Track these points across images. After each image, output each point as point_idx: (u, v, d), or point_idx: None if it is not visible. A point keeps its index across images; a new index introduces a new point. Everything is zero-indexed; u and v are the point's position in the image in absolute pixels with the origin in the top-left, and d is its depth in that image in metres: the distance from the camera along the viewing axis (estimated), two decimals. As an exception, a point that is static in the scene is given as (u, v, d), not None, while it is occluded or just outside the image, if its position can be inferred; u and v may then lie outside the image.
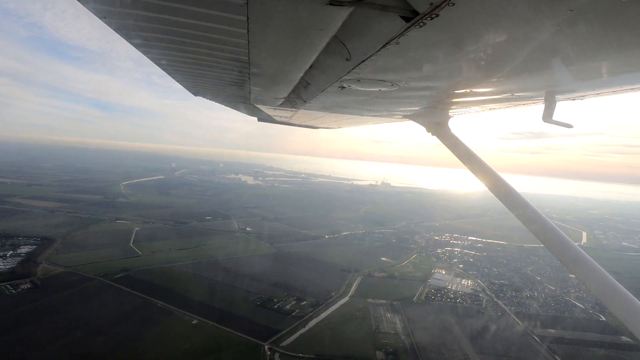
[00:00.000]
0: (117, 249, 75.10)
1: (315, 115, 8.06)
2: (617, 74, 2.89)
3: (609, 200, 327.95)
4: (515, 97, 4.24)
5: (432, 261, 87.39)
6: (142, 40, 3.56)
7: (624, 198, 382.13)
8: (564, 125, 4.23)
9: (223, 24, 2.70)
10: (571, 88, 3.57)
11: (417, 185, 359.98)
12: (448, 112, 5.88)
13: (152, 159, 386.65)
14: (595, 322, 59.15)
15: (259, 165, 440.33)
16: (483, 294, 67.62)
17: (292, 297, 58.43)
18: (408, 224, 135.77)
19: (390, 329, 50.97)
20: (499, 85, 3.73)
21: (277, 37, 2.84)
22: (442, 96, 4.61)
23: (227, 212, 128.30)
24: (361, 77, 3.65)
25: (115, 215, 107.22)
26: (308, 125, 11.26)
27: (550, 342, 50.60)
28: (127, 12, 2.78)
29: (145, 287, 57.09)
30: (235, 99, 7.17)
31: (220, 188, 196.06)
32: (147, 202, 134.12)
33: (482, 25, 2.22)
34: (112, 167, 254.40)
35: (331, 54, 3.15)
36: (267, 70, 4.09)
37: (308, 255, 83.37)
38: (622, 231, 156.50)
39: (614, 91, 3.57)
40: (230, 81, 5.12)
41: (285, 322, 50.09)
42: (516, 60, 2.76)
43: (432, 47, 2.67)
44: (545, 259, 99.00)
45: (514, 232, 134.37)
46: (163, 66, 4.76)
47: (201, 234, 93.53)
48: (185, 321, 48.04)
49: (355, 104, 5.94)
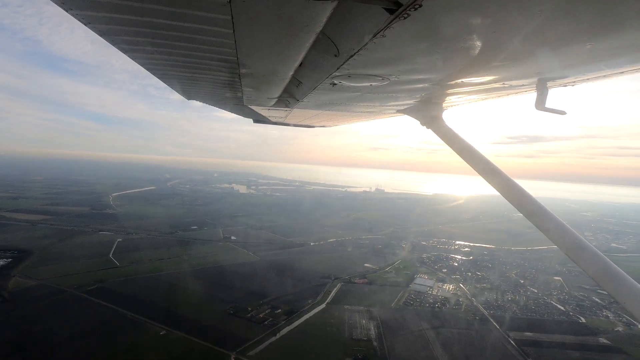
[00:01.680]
0: (95, 261, 74.31)
1: (310, 113, 8.03)
2: (603, 58, 2.90)
3: (603, 202, 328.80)
4: (507, 86, 4.24)
5: (415, 266, 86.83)
6: (129, 45, 3.51)
7: (617, 200, 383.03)
8: (558, 112, 4.21)
9: (208, 24, 2.67)
10: (562, 74, 3.59)
11: (411, 191, 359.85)
12: (442, 105, 5.87)
13: (147, 170, 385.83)
14: (574, 324, 58.67)
15: (254, 174, 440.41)
16: (463, 298, 67.06)
17: (267, 305, 57.75)
18: (396, 229, 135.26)
19: (363, 335, 50.31)
20: (490, 74, 3.73)
21: (263, 35, 2.83)
22: (434, 88, 4.58)
23: (215, 221, 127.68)
24: (351, 72, 3.65)
25: (99, 226, 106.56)
26: (303, 124, 11.07)
27: (525, 346, 50.01)
28: (110, 17, 2.73)
29: (117, 298, 56.34)
30: (228, 101, 7.14)
31: (211, 197, 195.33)
32: (135, 213, 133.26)
33: (466, 14, 2.20)
34: (104, 179, 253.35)
35: (320, 50, 3.15)
36: (257, 70, 4.07)
37: (290, 262, 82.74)
38: (612, 232, 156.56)
39: (604, 75, 3.56)
40: (221, 83, 5.10)
41: (257, 331, 49.39)
42: (504, 48, 2.77)
43: (418, 38, 2.65)
44: (531, 261, 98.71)
45: (503, 236, 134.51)
46: (152, 70, 4.71)
47: (184, 244, 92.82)
48: (153, 332, 47.29)
49: (349, 101, 5.91)
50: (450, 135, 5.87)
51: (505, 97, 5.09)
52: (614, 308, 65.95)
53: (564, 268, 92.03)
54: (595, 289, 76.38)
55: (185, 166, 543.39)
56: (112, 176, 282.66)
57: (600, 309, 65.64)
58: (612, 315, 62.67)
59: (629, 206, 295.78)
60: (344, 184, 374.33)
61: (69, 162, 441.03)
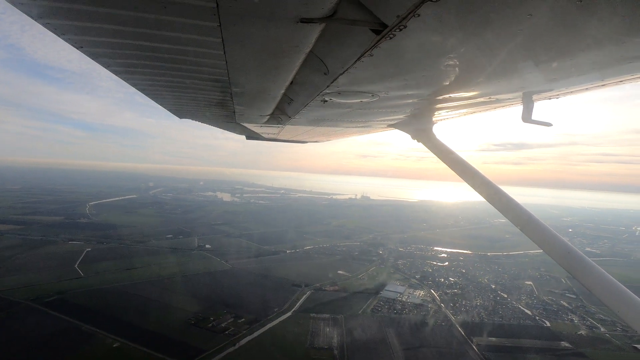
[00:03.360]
0: (59, 271, 72.06)
1: (302, 130, 8.11)
2: (584, 71, 2.99)
3: (583, 208, 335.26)
4: (494, 100, 4.34)
5: (389, 273, 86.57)
6: (122, 67, 3.54)
7: (597, 205, 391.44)
8: (544, 124, 4.27)
9: (199, 46, 2.71)
10: (546, 88, 3.68)
11: (397, 198, 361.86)
12: (431, 119, 5.97)
13: (131, 178, 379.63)
14: (538, 329, 58.85)
15: (241, 182, 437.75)
16: (432, 304, 66.89)
17: (231, 314, 56.56)
18: (376, 236, 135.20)
19: (325, 343, 49.54)
20: (476, 89, 3.85)
21: (254, 56, 2.87)
22: (423, 104, 4.67)
23: (192, 229, 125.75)
24: (341, 90, 3.71)
25: (70, 236, 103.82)
26: (296, 140, 11.26)
27: (487, 351, 49.87)
28: (103, 41, 2.76)
29: (74, 310, 54.53)
30: (220, 119, 7.16)
31: (193, 206, 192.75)
32: (110, 222, 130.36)
33: (450, 35, 2.29)
34: (84, 188, 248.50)
35: (310, 69, 3.20)
36: (249, 88, 4.13)
37: (262, 271, 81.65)
38: (588, 237, 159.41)
39: (586, 88, 3.67)
40: (214, 101, 5.13)
41: (215, 341, 48.19)
42: (488, 65, 2.84)
43: (404, 57, 2.72)
44: (506, 267, 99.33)
45: (481, 241, 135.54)
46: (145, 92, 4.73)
47: (155, 253, 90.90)
48: (106, 344, 45.73)
49: (340, 117, 6.00)
50: (441, 148, 5.99)
51: (492, 111, 5.31)
52: (580, 312, 66.63)
53: (537, 273, 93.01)
54: (564, 293, 77.25)
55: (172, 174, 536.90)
56: (93, 185, 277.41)
57: (566, 312, 66.14)
58: (577, 319, 63.16)
59: (608, 211, 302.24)
60: (330, 192, 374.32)
61: (51, 171, 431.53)
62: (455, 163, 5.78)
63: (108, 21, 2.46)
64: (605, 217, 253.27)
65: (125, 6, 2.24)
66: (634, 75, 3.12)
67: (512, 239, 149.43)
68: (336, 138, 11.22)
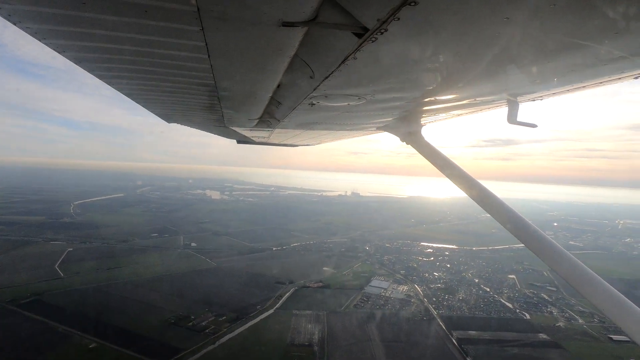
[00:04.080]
0: (38, 272, 70.74)
1: (292, 133, 8.13)
2: (564, 74, 3.05)
3: (570, 202, 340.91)
4: (480, 102, 4.41)
5: (374, 269, 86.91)
6: (105, 72, 3.51)
7: (583, 199, 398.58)
8: (529, 125, 4.34)
9: (183, 50, 2.70)
10: (529, 90, 3.75)
11: (387, 194, 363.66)
12: (419, 121, 6.00)
13: (118, 177, 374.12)
14: (518, 321, 59.68)
15: (231, 180, 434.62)
16: (415, 299, 67.33)
17: (212, 313, 56.18)
18: (364, 232, 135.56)
19: (306, 340, 49.51)
20: (461, 92, 3.91)
21: (239, 60, 2.87)
22: (410, 106, 4.70)
23: (178, 228, 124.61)
24: (328, 93, 3.72)
25: (52, 236, 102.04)
26: (287, 144, 11.31)
27: (466, 344, 50.34)
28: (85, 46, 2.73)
29: (51, 311, 53.57)
30: (210, 123, 7.14)
31: (181, 204, 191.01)
32: (94, 221, 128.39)
33: (430, 39, 2.34)
34: (70, 187, 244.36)
35: (296, 72, 3.20)
36: (236, 92, 4.13)
37: (246, 268, 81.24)
38: (573, 230, 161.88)
39: (567, 90, 3.72)
40: (202, 106, 5.09)
41: (195, 340, 47.78)
42: (471, 68, 2.89)
43: (388, 60, 2.75)
44: (490, 261, 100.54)
45: (467, 237, 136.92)
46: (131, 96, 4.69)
47: (139, 252, 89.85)
48: (82, 346, 45.00)
49: (328, 120, 6.04)
50: (429, 150, 6.05)
51: (479, 113, 5.43)
52: (560, 304, 67.74)
53: (520, 267, 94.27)
54: (545, 286, 78.43)
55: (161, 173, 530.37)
56: (79, 184, 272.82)
57: (545, 305, 67.19)
58: (556, 311, 64.22)
59: (593, 206, 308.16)
60: (321, 189, 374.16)
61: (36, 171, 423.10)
62: (444, 166, 5.85)
63: (89, 26, 2.42)
64: (589, 211, 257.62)
65: (105, 11, 2.22)
66: (611, 77, 3.16)
67: (498, 234, 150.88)
68: (326, 141, 11.32)
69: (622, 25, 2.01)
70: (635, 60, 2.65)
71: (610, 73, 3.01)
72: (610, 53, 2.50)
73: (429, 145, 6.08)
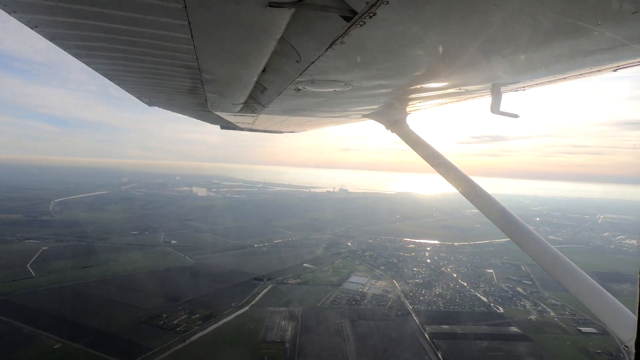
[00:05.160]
0: (8, 271, 68.93)
1: (277, 119, 8.05)
2: (547, 64, 3.07)
3: (554, 198, 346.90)
4: (464, 91, 4.42)
5: (355, 265, 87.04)
6: (80, 50, 3.33)
7: (567, 195, 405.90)
8: (511, 115, 4.35)
9: (165, 29, 2.61)
10: (512, 80, 3.76)
11: (375, 190, 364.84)
12: (405, 109, 5.98)
13: (103, 174, 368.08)
14: (491, 315, 60.50)
15: (219, 176, 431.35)
16: (392, 295, 67.63)
17: (185, 311, 55.59)
18: (348, 228, 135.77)
19: (278, 337, 49.32)
20: (446, 80, 3.92)
21: (223, 41, 2.79)
22: (396, 93, 4.69)
23: (160, 225, 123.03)
24: (314, 78, 3.68)
25: (27, 234, 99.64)
26: (271, 130, 10.96)
27: (438, 338, 50.80)
28: (58, 21, 2.58)
29: (18, 311, 52.38)
30: (192, 108, 6.99)
31: (165, 201, 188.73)
32: (73, 219, 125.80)
33: (418, 24, 2.33)
34: (52, 184, 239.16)
35: (282, 56, 3.14)
36: (219, 75, 4.03)
37: (225, 265, 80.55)
38: (554, 225, 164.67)
39: (549, 81, 3.76)
40: (184, 89, 4.94)
41: (164, 339, 47.20)
42: (457, 55, 2.89)
43: (375, 45, 2.74)
44: (470, 256, 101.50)
45: (451, 232, 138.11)
46: (108, 76, 4.50)
47: (116, 250, 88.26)
48: (47, 346, 44.09)
49: (314, 106, 6.00)
50: (414, 139, 6.09)
51: (463, 102, 5.41)
52: (533, 297, 68.84)
53: (499, 261, 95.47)
54: (522, 280, 79.61)
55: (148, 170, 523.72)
56: (62, 181, 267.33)
57: (520, 298, 68.19)
58: (529, 304, 65.25)
59: (575, 201, 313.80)
60: (309, 185, 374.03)
61: (17, 168, 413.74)
62: (428, 155, 5.90)
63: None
64: (572, 206, 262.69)
65: None
66: (592, 69, 3.19)
67: (482, 229, 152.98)
68: (312, 128, 11.22)
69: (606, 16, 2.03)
70: (616, 53, 2.69)
71: (592, 65, 3.04)
72: (593, 44, 2.51)
73: (413, 134, 6.12)
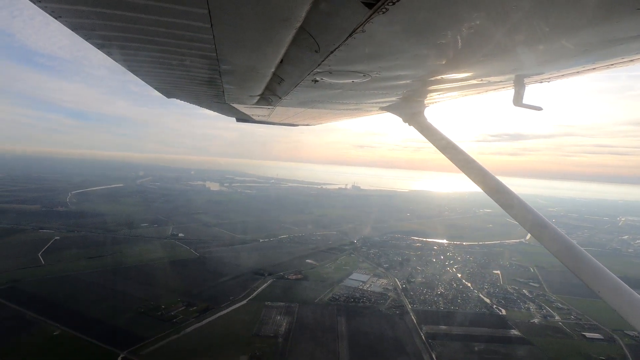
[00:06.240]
0: (20, 259, 71.46)
1: (293, 112, 8.06)
2: (576, 53, 2.94)
3: (572, 198, 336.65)
4: (486, 82, 4.29)
5: (358, 262, 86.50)
6: (104, 40, 3.37)
7: (586, 196, 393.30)
8: (534, 108, 4.26)
9: (185, 18, 2.59)
10: (537, 70, 3.65)
11: (388, 187, 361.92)
12: (423, 102, 5.91)
13: (120, 167, 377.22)
14: (492, 317, 59.10)
15: (234, 171, 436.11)
16: (392, 293, 66.87)
17: (183, 303, 56.38)
18: (356, 226, 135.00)
19: (271, 332, 49.44)
20: (469, 70, 3.78)
21: (242, 30, 2.77)
22: (415, 85, 4.60)
23: (169, 218, 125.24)
24: (332, 69, 3.61)
25: (41, 224, 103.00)
26: (287, 123, 11.08)
27: (433, 339, 49.97)
28: (82, 10, 2.65)
29: (24, 298, 54.15)
30: (210, 99, 7.04)
31: (177, 195, 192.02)
32: (88, 210, 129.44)
33: (443, 10, 2.24)
34: (71, 177, 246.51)
35: (300, 46, 3.09)
36: (237, 66, 4.00)
37: (229, 259, 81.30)
38: (569, 227, 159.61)
39: (577, 72, 3.62)
40: (202, 80, 4.98)
41: (160, 329, 48.01)
42: (483, 44, 2.79)
43: (397, 33, 2.65)
44: (478, 256, 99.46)
45: (460, 231, 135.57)
46: (129, 67, 4.55)
47: (124, 242, 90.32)
48: (46, 332, 45.46)
49: (331, 98, 5.93)
50: (432, 132, 5.99)
51: (484, 94, 5.26)
52: (539, 300, 66.92)
53: (507, 262, 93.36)
54: (528, 282, 77.54)
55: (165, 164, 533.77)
56: (81, 173, 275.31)
57: (524, 301, 66.37)
58: (534, 307, 63.46)
59: (595, 202, 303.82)
60: (322, 182, 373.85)
61: (40, 160, 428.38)
62: (445, 147, 5.80)
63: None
64: (591, 207, 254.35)
65: None
66: (624, 59, 3.06)
67: (493, 228, 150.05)
68: (327, 121, 11.10)
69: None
70: None
71: (625, 53, 2.89)
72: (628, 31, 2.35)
73: (431, 127, 6.01)
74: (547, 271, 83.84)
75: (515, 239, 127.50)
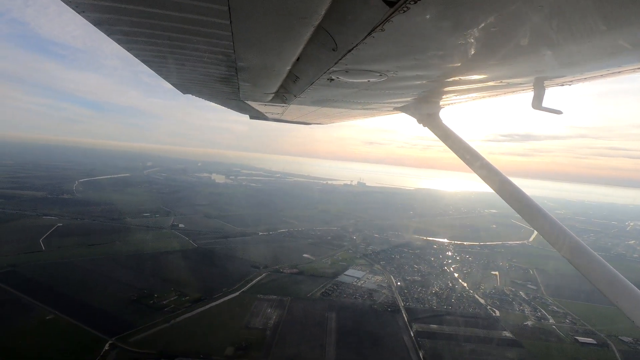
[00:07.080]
0: (20, 245, 72.78)
1: (306, 110, 8.05)
2: (602, 57, 2.84)
3: (581, 201, 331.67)
4: (505, 85, 4.23)
5: (355, 258, 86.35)
6: (124, 36, 3.42)
7: (596, 199, 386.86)
8: (554, 111, 4.20)
9: (205, 14, 2.62)
10: (559, 73, 3.56)
11: (394, 185, 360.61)
12: (439, 103, 5.89)
13: (129, 157, 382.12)
14: (485, 318, 58.47)
15: (241, 165, 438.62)
16: (386, 290, 66.65)
17: (176, 292, 56.93)
18: (357, 222, 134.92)
19: (261, 324, 49.68)
20: (488, 72, 3.74)
21: (261, 27, 2.78)
22: (432, 85, 4.56)
23: (172, 209, 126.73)
24: (349, 68, 3.60)
25: (46, 211, 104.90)
26: (300, 121, 11.20)
27: (423, 337, 49.69)
28: (104, 5, 2.66)
29: (20, 282, 55.18)
30: (225, 96, 7.08)
31: (182, 186, 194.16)
32: (93, 198, 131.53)
33: (465, 10, 2.19)
34: (79, 165, 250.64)
35: (317, 44, 3.07)
36: (254, 63, 4.02)
37: (226, 251, 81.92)
38: (575, 230, 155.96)
39: (601, 75, 3.50)
40: (218, 77, 5.02)
41: (150, 317, 48.56)
42: (504, 45, 2.73)
43: (417, 32, 2.61)
44: (478, 256, 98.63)
45: (463, 231, 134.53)
46: (148, 63, 4.59)
47: (125, 231, 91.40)
48: (40, 317, 46.30)
49: (346, 97, 5.88)
50: (447, 133, 5.96)
51: (502, 96, 5.16)
52: (535, 303, 66.11)
53: (507, 263, 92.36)
54: (526, 284, 76.68)
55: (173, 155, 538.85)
56: (90, 162, 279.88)
57: (520, 303, 65.62)
58: (528, 310, 62.72)
59: (605, 205, 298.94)
60: (328, 177, 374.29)
61: (51, 148, 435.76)
62: (460, 149, 5.76)
63: None
64: (601, 211, 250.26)
65: None
66: None
67: (497, 229, 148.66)
68: (340, 120, 11.03)
69: None
70: None
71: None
72: None
73: (446, 128, 5.94)
74: (547, 274, 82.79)
75: (519, 240, 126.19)
